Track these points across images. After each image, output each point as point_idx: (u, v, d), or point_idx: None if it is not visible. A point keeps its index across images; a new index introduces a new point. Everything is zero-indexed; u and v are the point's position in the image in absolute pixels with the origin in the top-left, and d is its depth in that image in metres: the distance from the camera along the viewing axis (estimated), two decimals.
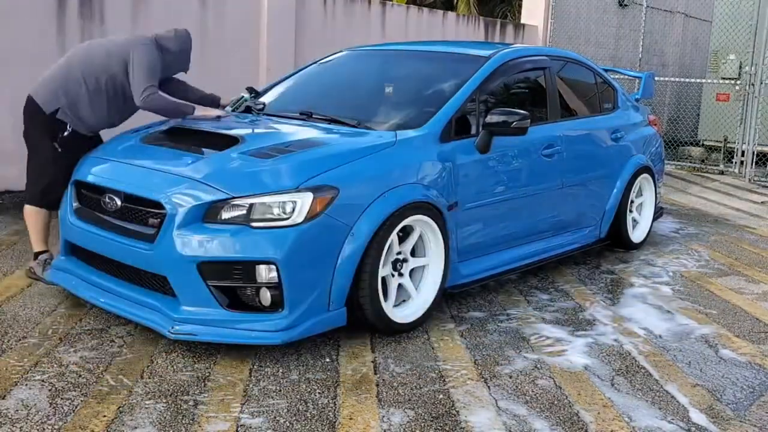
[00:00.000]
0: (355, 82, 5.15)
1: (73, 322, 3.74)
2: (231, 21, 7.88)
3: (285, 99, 4.98)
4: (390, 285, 3.77)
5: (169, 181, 3.50)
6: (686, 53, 12.91)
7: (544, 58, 5.16)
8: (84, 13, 6.63)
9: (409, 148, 3.90)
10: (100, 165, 3.89)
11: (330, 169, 3.52)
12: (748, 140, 9.97)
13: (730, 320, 4.28)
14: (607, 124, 5.46)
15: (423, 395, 3.13)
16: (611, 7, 12.68)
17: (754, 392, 3.34)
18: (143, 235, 3.47)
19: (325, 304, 3.45)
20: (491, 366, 3.46)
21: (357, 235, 3.48)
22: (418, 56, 5.16)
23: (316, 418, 2.90)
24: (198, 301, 3.35)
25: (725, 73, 11.08)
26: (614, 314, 4.27)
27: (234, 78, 7.93)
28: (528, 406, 3.09)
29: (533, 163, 4.64)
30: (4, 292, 4.12)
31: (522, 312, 4.22)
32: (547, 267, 5.08)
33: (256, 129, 4.27)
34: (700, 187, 9.29)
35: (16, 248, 4.94)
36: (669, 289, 4.83)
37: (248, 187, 3.40)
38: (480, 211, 4.26)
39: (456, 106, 4.22)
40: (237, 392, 3.07)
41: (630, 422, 3.00)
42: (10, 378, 3.10)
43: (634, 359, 3.64)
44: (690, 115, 11.51)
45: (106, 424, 2.77)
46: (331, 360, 3.43)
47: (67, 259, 3.98)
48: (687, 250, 5.89)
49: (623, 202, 5.49)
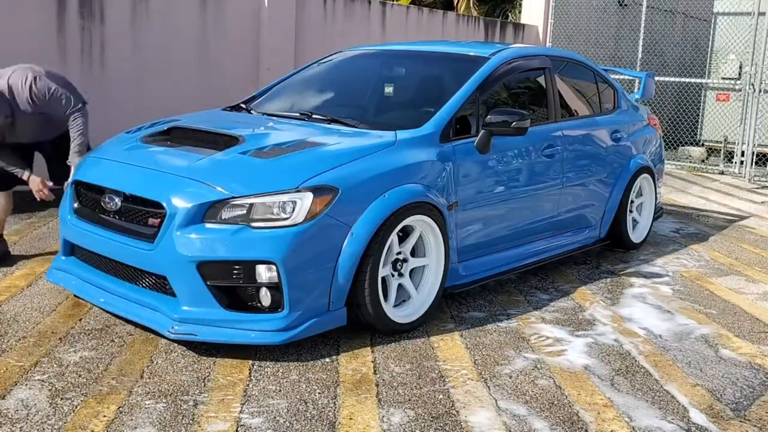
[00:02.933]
0: (355, 82, 5.15)
1: (73, 322, 3.74)
2: (231, 21, 7.88)
3: (285, 99, 4.98)
4: (390, 285, 3.77)
5: (169, 181, 3.50)
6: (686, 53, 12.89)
7: (544, 58, 5.16)
8: (84, 13, 6.63)
9: (409, 148, 3.90)
10: (100, 165, 3.89)
11: (330, 169, 3.52)
12: (748, 140, 9.96)
13: (730, 320, 4.28)
14: (607, 124, 5.45)
15: (423, 395, 3.13)
16: (611, 7, 12.68)
17: (754, 392, 3.34)
18: (143, 234, 3.47)
19: (325, 304, 3.45)
20: (491, 366, 3.46)
21: (357, 235, 3.48)
22: (418, 56, 5.16)
23: (316, 418, 2.90)
24: (198, 301, 3.35)
25: (725, 73, 11.07)
26: (614, 314, 4.27)
27: (234, 78, 7.96)
28: (528, 406, 3.09)
29: (533, 164, 4.64)
30: (4, 292, 4.12)
31: (522, 312, 4.22)
32: (547, 267, 5.08)
33: (257, 129, 4.27)
34: (700, 187, 9.29)
35: (16, 248, 4.94)
36: (669, 289, 4.83)
37: (248, 187, 3.40)
38: (480, 211, 4.26)
39: (456, 106, 4.22)
40: (237, 392, 3.07)
41: (630, 422, 3.00)
42: (10, 378, 3.10)
43: (634, 359, 3.64)
44: (690, 115, 11.51)
45: (106, 424, 2.77)
46: (331, 360, 3.43)
47: (67, 259, 3.97)
48: (687, 250, 5.88)
49: (623, 202, 5.49)
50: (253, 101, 4.99)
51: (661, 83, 11.42)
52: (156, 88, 7.22)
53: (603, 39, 12.08)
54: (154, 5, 7.17)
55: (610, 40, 12.26)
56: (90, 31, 6.69)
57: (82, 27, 6.63)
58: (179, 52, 7.44)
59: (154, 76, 7.22)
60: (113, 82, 6.92)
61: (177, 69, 7.42)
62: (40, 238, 5.22)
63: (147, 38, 7.14)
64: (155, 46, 7.21)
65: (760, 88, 9.90)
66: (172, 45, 7.35)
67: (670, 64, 12.61)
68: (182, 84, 7.46)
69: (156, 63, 7.23)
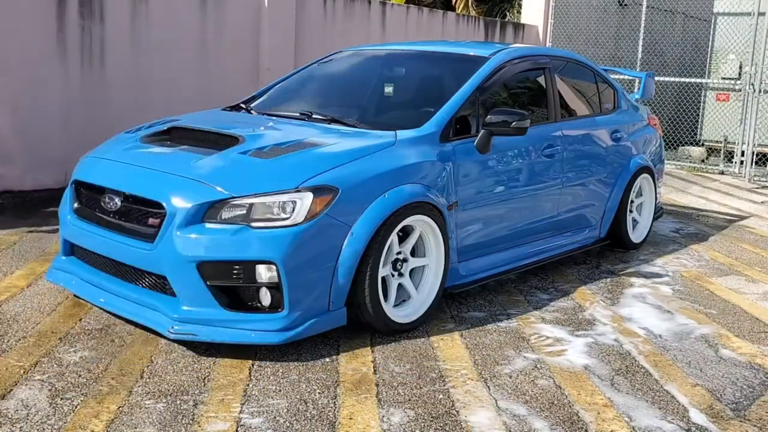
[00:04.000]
0: (355, 82, 5.15)
1: (73, 322, 3.74)
2: (231, 21, 7.88)
3: (285, 99, 4.98)
4: (390, 285, 3.77)
5: (169, 181, 3.50)
6: (686, 53, 12.89)
7: (544, 58, 5.16)
8: (84, 13, 6.63)
9: (409, 148, 3.90)
10: (100, 165, 3.89)
11: (330, 169, 3.52)
12: (748, 140, 9.96)
13: (730, 320, 4.28)
14: (607, 124, 5.46)
15: (423, 395, 3.13)
16: (611, 7, 12.67)
17: (754, 392, 3.34)
18: (143, 234, 3.47)
19: (325, 304, 3.45)
20: (491, 366, 3.46)
21: (357, 235, 3.48)
22: (418, 56, 5.16)
23: (316, 418, 2.90)
24: (198, 300, 3.35)
25: (725, 73, 11.07)
26: (614, 314, 4.27)
27: (234, 78, 7.95)
28: (528, 405, 3.09)
29: (533, 163, 4.64)
30: (4, 292, 4.12)
31: (522, 312, 4.22)
32: (547, 267, 5.08)
33: (256, 129, 4.27)
34: (700, 187, 9.29)
35: (16, 248, 4.94)
36: (669, 289, 4.83)
37: (248, 187, 3.40)
38: (480, 211, 4.27)
39: (456, 106, 4.22)
40: (237, 392, 3.07)
41: (630, 422, 3.00)
42: (10, 378, 3.10)
43: (634, 359, 3.64)
44: (690, 115, 11.51)
45: (106, 424, 2.77)
46: (331, 360, 3.43)
47: (67, 259, 3.97)
48: (687, 250, 5.88)
49: (623, 202, 5.49)
50: (253, 101, 4.99)
51: (661, 83, 11.41)
52: (156, 88, 7.22)
53: (603, 39, 12.07)
54: (154, 5, 7.17)
55: (610, 40, 12.25)
56: (90, 31, 6.68)
57: (82, 27, 6.63)
58: (179, 52, 7.44)
59: (154, 76, 7.22)
60: (113, 82, 6.92)
61: (177, 69, 7.42)
62: (40, 238, 5.22)
63: (147, 38, 7.14)
64: (155, 46, 7.21)
65: (760, 88, 9.90)
66: (172, 45, 7.35)
67: (670, 64, 12.60)
68: (182, 84, 7.46)
69: (156, 63, 7.23)
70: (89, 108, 6.75)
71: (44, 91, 6.41)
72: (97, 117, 6.77)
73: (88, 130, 6.60)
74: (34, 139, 6.34)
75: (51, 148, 6.47)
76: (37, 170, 6.41)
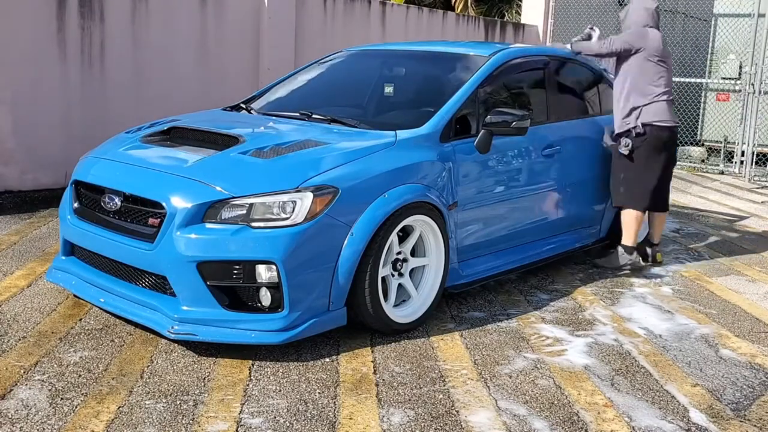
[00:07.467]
0: (355, 82, 5.15)
1: (73, 322, 3.74)
2: (231, 21, 7.88)
3: (285, 99, 4.98)
4: (390, 285, 3.77)
5: (168, 181, 3.50)
6: (686, 53, 12.89)
7: (544, 58, 5.16)
8: (84, 12, 6.63)
9: (408, 148, 3.90)
10: (100, 165, 3.89)
11: (330, 169, 3.52)
12: (748, 140, 9.96)
13: (730, 320, 4.28)
14: (607, 124, 5.45)
15: (423, 395, 3.13)
16: (611, 7, 12.67)
17: (754, 392, 3.34)
18: (143, 234, 3.47)
19: (325, 304, 3.45)
20: (491, 366, 3.46)
21: (357, 235, 3.48)
22: (418, 56, 5.16)
23: (316, 418, 2.90)
24: (198, 300, 3.35)
25: (725, 73, 11.06)
26: (614, 314, 4.27)
27: (234, 78, 7.95)
28: (528, 405, 3.09)
29: (533, 163, 4.64)
30: (4, 292, 4.12)
31: (522, 312, 4.22)
32: (547, 267, 5.08)
33: (256, 129, 4.27)
34: (700, 187, 9.29)
35: (16, 248, 4.94)
36: (669, 289, 4.83)
37: (248, 187, 3.40)
38: (480, 211, 4.27)
39: (456, 106, 4.22)
40: (237, 392, 3.07)
41: (630, 422, 3.00)
42: (10, 378, 3.10)
43: (634, 359, 3.64)
44: (690, 115, 11.51)
45: (106, 424, 2.77)
46: (331, 360, 3.43)
47: (67, 259, 3.97)
48: (687, 250, 5.88)
49: None
50: (253, 101, 4.99)
51: None
52: (156, 88, 7.22)
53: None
54: (154, 5, 7.16)
55: None
56: (90, 31, 6.68)
57: (82, 27, 6.63)
58: (179, 52, 7.44)
59: (154, 76, 7.22)
60: (113, 82, 6.92)
61: (177, 69, 7.42)
62: (40, 238, 5.22)
63: (147, 38, 7.14)
64: (155, 46, 7.21)
65: (760, 89, 9.90)
66: (172, 45, 7.34)
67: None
68: (182, 84, 7.46)
69: (156, 63, 7.23)
70: (89, 108, 6.75)
71: (44, 91, 6.41)
72: (97, 117, 6.77)
73: (88, 130, 6.60)
74: (34, 139, 6.34)
75: (51, 148, 6.46)
76: (36, 170, 6.40)
